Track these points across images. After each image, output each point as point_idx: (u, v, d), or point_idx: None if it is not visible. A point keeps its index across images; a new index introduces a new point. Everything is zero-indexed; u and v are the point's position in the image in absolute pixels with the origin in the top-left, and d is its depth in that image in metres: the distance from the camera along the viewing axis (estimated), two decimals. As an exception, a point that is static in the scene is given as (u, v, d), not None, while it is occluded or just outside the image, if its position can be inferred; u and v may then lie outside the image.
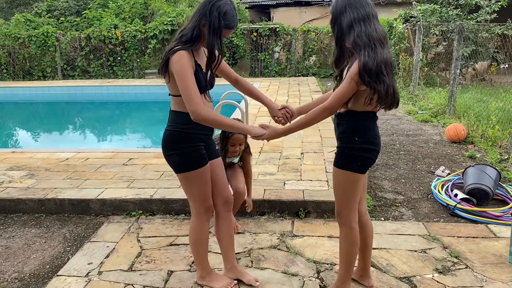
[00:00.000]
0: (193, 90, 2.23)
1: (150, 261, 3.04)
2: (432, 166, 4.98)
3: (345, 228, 2.42)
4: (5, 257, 3.19)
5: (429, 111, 7.84)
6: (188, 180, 2.46)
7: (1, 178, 4.43)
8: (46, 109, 12.52)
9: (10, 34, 14.60)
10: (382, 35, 2.13)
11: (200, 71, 2.34)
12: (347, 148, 2.29)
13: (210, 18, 2.25)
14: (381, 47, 2.10)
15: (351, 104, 2.23)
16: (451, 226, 3.51)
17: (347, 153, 2.29)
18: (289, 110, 2.61)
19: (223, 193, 2.63)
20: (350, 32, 2.13)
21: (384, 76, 2.08)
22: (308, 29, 14.14)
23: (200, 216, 2.57)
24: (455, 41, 7.28)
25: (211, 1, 2.28)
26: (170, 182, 4.19)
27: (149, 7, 18.54)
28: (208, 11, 2.25)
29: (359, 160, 2.29)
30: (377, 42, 2.09)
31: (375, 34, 2.10)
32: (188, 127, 2.37)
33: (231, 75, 2.64)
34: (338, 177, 2.36)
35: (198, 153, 2.41)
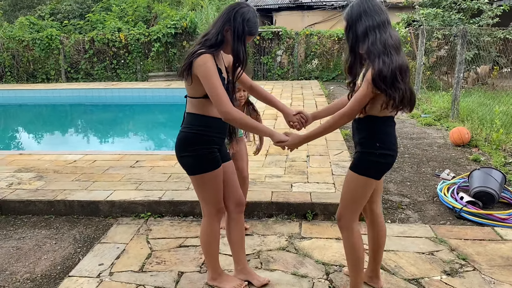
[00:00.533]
0: (221, 91, 2.28)
1: (160, 262, 3.07)
2: (437, 169, 5.01)
3: (346, 232, 2.44)
4: (16, 258, 3.23)
5: (433, 114, 7.87)
6: (201, 182, 2.49)
7: (10, 180, 4.47)
8: (50, 111, 12.57)
9: (14, 37, 14.66)
10: (397, 41, 2.16)
11: (221, 75, 2.38)
12: (367, 153, 2.30)
13: (234, 24, 2.30)
14: (396, 54, 2.12)
15: (369, 109, 2.24)
16: (457, 229, 3.54)
17: (367, 158, 2.30)
18: (304, 115, 2.66)
19: (235, 195, 2.66)
20: (365, 39, 2.16)
21: (399, 82, 2.10)
22: (311, 33, 14.19)
23: (211, 217, 2.60)
24: (458, 45, 7.32)
25: (235, 7, 2.34)
26: (178, 184, 4.23)
27: (152, 10, 18.66)
28: (232, 17, 2.30)
29: (377, 165, 2.30)
30: (392, 49, 2.12)
31: (390, 40, 2.13)
32: (204, 130, 2.41)
33: (247, 82, 2.69)
34: (353, 181, 2.35)
35: (212, 156, 2.45)
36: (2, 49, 14.61)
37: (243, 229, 2.76)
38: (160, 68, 14.74)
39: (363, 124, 2.32)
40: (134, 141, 8.86)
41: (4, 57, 14.57)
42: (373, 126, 2.28)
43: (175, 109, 11.69)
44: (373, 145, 2.27)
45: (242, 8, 2.32)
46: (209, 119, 2.41)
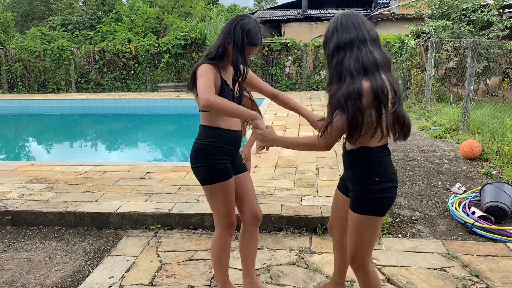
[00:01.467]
0: (206, 83, 2.23)
1: (170, 276, 3.07)
2: (447, 183, 4.97)
3: (361, 274, 2.27)
4: (27, 269, 3.24)
5: (443, 127, 7.83)
6: (212, 192, 2.50)
7: (21, 191, 4.50)
8: (60, 121, 12.70)
9: (26, 48, 14.88)
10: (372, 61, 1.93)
11: (226, 87, 2.41)
12: (367, 191, 2.09)
13: (234, 36, 2.33)
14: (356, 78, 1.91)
15: (362, 139, 2.01)
16: (469, 244, 3.50)
17: (367, 197, 2.10)
18: None
19: (252, 207, 2.67)
20: (332, 59, 2.01)
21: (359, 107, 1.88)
22: (319, 44, 14.24)
23: (223, 230, 2.60)
24: (468, 58, 7.30)
25: (235, 19, 2.38)
26: (188, 196, 4.23)
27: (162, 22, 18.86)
28: (232, 29, 2.35)
29: (381, 201, 2.10)
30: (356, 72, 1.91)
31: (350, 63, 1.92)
32: (214, 141, 2.43)
33: (268, 91, 2.68)
34: (358, 222, 2.15)
35: (222, 167, 2.45)
36: (14, 60, 14.82)
37: (256, 241, 2.75)
38: (169, 79, 14.84)
39: (356, 157, 2.11)
40: (143, 152, 8.91)
41: (16, 67, 14.77)
42: (369, 159, 2.07)
43: (185, 119, 11.78)
44: (371, 181, 2.07)
45: (242, 20, 2.36)
46: (219, 131, 2.43)
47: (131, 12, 20.99)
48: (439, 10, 11.54)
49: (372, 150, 2.06)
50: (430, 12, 11.88)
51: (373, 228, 2.15)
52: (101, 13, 23.07)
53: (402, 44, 11.90)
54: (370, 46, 1.96)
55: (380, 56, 1.96)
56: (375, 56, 1.94)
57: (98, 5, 24.09)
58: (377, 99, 1.89)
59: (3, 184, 4.74)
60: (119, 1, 25.18)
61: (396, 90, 1.95)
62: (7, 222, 3.98)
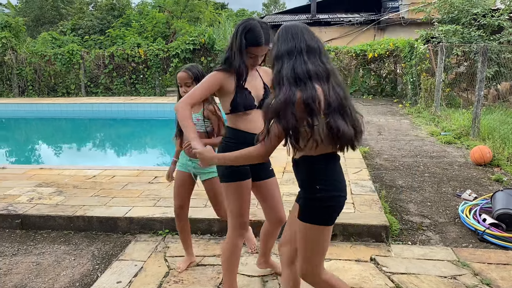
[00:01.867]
0: (193, 91, 2.42)
1: (178, 281, 3.06)
2: (458, 189, 4.91)
3: (319, 285, 2.21)
4: (36, 273, 3.25)
5: (453, 132, 7.76)
6: (227, 191, 2.56)
7: (31, 195, 4.53)
8: (70, 125, 12.79)
9: (36, 52, 15.05)
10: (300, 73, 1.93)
11: (243, 91, 2.47)
12: (310, 199, 2.06)
13: (235, 38, 2.40)
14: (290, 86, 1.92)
15: (304, 148, 1.99)
16: (480, 252, 3.45)
17: (311, 204, 2.06)
18: None
19: (277, 213, 2.76)
20: (272, 68, 2.04)
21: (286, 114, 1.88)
22: (328, 49, 14.21)
23: (235, 231, 2.62)
24: (479, 63, 7.24)
25: (240, 22, 2.45)
26: (195, 202, 4.22)
27: (171, 26, 18.98)
28: (235, 32, 2.42)
29: (324, 210, 2.06)
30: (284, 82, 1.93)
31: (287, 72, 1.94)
32: (233, 141, 2.51)
33: None
34: (305, 232, 2.10)
35: (238, 167, 2.49)
36: (25, 64, 14.98)
37: (276, 236, 2.90)
38: (178, 83, 14.89)
39: (300, 165, 2.10)
40: (152, 156, 8.94)
41: (27, 71, 14.93)
42: (310, 167, 2.05)
43: (193, 124, 11.79)
44: (314, 189, 2.04)
45: (245, 22, 2.42)
46: (237, 132, 2.51)
47: (140, 17, 21.17)
48: (449, 15, 11.47)
49: (315, 159, 2.03)
50: (440, 16, 11.81)
51: (320, 238, 2.10)
52: (111, 18, 23.29)
53: (411, 49, 11.84)
54: (305, 57, 1.96)
55: (315, 66, 1.96)
56: (309, 67, 1.94)
57: (108, 10, 24.32)
58: (307, 109, 1.88)
59: (13, 187, 4.77)
60: (129, 6, 25.41)
61: (330, 102, 1.92)
62: (16, 225, 4.01)
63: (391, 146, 7.10)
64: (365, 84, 13.98)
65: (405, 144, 7.22)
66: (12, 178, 5.18)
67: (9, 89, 15.17)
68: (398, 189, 4.97)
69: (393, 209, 4.33)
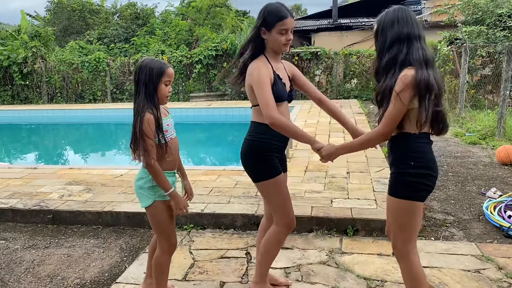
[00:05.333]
0: (269, 96, 2.31)
1: (202, 272, 3.14)
2: (482, 188, 4.86)
3: (403, 262, 2.27)
4: (67, 264, 3.39)
5: (477, 133, 7.66)
6: (265, 189, 2.53)
7: (61, 192, 4.70)
8: (97, 130, 13.13)
9: (64, 60, 15.52)
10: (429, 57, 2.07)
11: (279, 81, 2.45)
12: (401, 174, 2.14)
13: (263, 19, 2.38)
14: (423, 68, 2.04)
15: (403, 126, 2.11)
16: (505, 248, 3.42)
17: (401, 179, 2.14)
18: None
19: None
20: (392, 48, 2.10)
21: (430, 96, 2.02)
22: (350, 53, 14.22)
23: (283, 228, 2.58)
24: (504, 62, 7.15)
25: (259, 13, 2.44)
26: (219, 198, 4.32)
27: (194, 33, 19.28)
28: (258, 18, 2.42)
29: (416, 186, 2.12)
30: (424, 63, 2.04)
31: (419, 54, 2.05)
32: (265, 137, 2.46)
33: (315, 94, 2.65)
34: (395, 207, 2.20)
35: (272, 162, 2.49)
36: (54, 72, 15.47)
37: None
38: (201, 89, 15.13)
39: (396, 142, 2.18)
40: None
41: (55, 79, 15.41)
42: (407, 143, 2.13)
43: (215, 128, 11.95)
44: (407, 165, 2.12)
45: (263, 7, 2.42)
46: (268, 127, 2.36)
47: (164, 25, 21.58)
48: (473, 16, 11.33)
49: (411, 136, 2.11)
50: (464, 18, 11.67)
51: (409, 213, 2.16)
52: (135, 27, 23.81)
53: (434, 51, 11.72)
54: (422, 43, 2.10)
55: (428, 53, 2.08)
56: (426, 52, 2.07)
57: (132, 19, 24.88)
58: (420, 90, 2.00)
59: (45, 185, 4.97)
60: (153, 15, 25.93)
61: (440, 87, 2.06)
62: (48, 220, 4.18)
63: (414, 147, 7.05)
64: (387, 87, 13.86)
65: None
66: (43, 177, 5.38)
67: (39, 96, 15.68)
68: (421, 187, 4.94)
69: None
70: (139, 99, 2.33)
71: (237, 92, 14.53)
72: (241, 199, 4.27)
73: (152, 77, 2.31)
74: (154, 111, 2.32)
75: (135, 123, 2.32)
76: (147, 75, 2.31)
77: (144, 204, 2.49)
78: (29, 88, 15.67)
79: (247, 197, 4.33)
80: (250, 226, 3.87)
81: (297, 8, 50.38)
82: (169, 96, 2.46)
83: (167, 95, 2.41)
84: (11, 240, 3.87)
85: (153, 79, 2.32)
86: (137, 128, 2.29)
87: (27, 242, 3.82)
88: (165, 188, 2.39)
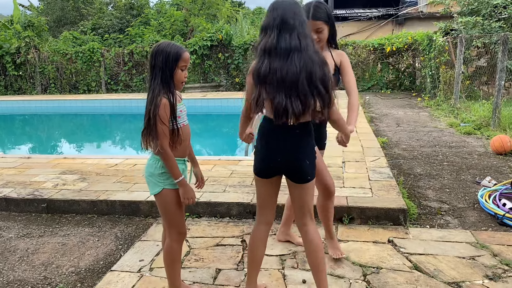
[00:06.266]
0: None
1: (198, 260, 3.14)
2: (477, 177, 4.88)
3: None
4: (61, 253, 3.37)
5: (472, 123, 7.68)
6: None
7: (55, 181, 4.67)
8: (91, 121, 13.07)
9: (58, 51, 15.37)
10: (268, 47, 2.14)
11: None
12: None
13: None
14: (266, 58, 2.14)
15: None
16: (500, 235, 3.44)
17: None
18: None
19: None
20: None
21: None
22: (346, 43, 14.17)
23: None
24: (499, 52, 7.15)
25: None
26: (215, 187, 4.31)
27: (189, 24, 19.14)
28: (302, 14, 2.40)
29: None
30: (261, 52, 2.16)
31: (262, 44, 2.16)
32: None
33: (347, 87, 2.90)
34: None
35: None
36: (47, 62, 15.32)
37: None
38: (196, 80, 15.04)
39: None
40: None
41: (49, 69, 15.27)
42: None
43: (210, 119, 11.91)
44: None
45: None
46: None
47: (158, 15, 21.42)
48: (468, 7, 11.30)
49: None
50: (459, 8, 11.65)
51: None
52: (130, 17, 23.64)
53: (430, 42, 11.72)
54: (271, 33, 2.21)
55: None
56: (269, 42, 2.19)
57: (127, 9, 24.69)
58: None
59: (38, 175, 4.93)
60: (147, 5, 25.73)
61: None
62: (42, 209, 4.15)
63: (410, 137, 7.07)
64: (383, 78, 13.89)
65: (424, 135, 7.18)
66: (37, 166, 5.34)
67: (32, 86, 15.54)
68: (416, 176, 4.96)
69: (411, 195, 4.34)
70: (155, 84, 2.26)
71: (232, 83, 14.49)
72: (236, 188, 4.26)
73: (168, 62, 2.25)
74: (170, 96, 2.27)
75: (149, 108, 2.27)
76: (164, 59, 2.25)
77: (153, 191, 2.45)
78: (22, 78, 15.53)
79: (243, 186, 4.32)
80: (245, 214, 3.86)
81: (293, -1, 50.12)
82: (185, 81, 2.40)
83: (183, 81, 2.35)
84: (5, 229, 3.84)
85: (169, 64, 2.25)
86: (152, 113, 2.24)
87: (21, 231, 3.79)
88: (175, 175, 2.35)
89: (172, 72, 2.28)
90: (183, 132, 2.39)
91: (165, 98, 2.25)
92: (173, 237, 2.51)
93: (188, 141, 2.50)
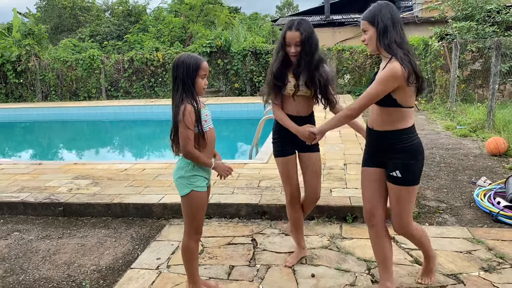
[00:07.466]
0: None
1: (212, 257, 3.33)
2: (473, 177, 5.10)
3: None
4: (82, 253, 3.56)
5: (468, 126, 7.92)
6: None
7: (69, 186, 4.86)
8: (93, 127, 13.23)
9: (59, 58, 15.54)
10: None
11: None
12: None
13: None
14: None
15: None
16: (495, 231, 3.65)
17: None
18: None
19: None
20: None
21: None
22: (343, 48, 14.43)
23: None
24: (493, 57, 7.40)
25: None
26: (224, 189, 4.51)
27: (188, 30, 19.37)
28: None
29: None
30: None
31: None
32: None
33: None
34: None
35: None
36: (48, 69, 15.48)
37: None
38: (195, 85, 15.20)
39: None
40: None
41: (50, 77, 15.42)
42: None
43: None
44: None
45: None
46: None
47: (156, 22, 21.63)
48: (462, 12, 11.59)
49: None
50: (454, 14, 11.93)
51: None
52: (128, 24, 23.83)
53: (426, 47, 11.98)
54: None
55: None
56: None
57: (124, 16, 24.89)
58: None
59: (52, 180, 5.12)
60: (145, 12, 25.94)
61: None
62: (59, 213, 4.34)
63: (407, 140, 7.27)
64: (380, 82, 14.10)
65: (421, 138, 7.35)
66: (49, 172, 5.53)
67: (33, 94, 15.69)
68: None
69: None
70: (178, 93, 2.52)
71: (231, 89, 14.70)
72: (244, 190, 4.46)
73: (189, 72, 2.50)
74: (193, 103, 2.51)
75: (175, 115, 2.52)
76: (185, 71, 2.50)
77: (182, 192, 2.67)
78: (23, 86, 15.68)
79: (250, 188, 4.52)
80: (254, 215, 4.06)
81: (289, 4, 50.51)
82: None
83: (204, 87, 2.59)
84: (24, 232, 4.03)
85: (190, 75, 2.50)
86: (178, 118, 2.48)
87: (41, 233, 3.98)
88: (208, 165, 2.63)
89: (194, 81, 2.52)
90: (208, 136, 2.60)
91: (189, 104, 2.48)
92: (191, 235, 2.71)
93: (213, 144, 2.72)
